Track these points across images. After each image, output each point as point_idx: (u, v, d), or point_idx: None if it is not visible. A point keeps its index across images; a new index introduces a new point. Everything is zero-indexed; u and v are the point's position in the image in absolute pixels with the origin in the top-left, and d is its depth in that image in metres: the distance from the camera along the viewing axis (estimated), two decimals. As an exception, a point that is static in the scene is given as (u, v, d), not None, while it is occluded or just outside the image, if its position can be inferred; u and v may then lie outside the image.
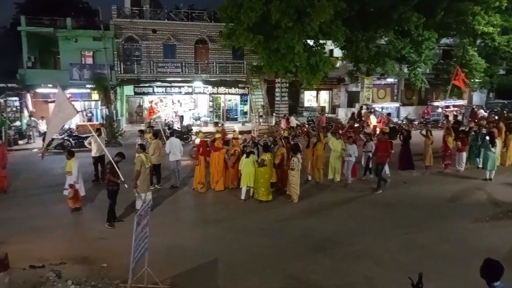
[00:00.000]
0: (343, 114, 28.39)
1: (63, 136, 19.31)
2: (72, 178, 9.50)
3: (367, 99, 28.19)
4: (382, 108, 25.93)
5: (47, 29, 25.25)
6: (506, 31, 26.73)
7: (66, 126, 21.59)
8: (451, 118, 21.89)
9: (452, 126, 14.85)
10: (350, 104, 30.15)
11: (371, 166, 12.57)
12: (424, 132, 13.59)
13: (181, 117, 25.74)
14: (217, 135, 11.96)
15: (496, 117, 21.25)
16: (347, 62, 27.62)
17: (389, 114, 23.55)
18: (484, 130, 13.76)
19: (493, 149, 12.19)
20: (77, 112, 10.30)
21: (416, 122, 24.85)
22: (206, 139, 12.57)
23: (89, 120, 24.93)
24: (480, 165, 13.36)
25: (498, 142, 13.52)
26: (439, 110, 26.74)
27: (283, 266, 6.86)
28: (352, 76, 28.37)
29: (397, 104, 25.47)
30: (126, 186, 8.88)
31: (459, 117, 23.59)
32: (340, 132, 13.67)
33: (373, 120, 22.05)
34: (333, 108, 31.07)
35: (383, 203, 10.28)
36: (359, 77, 28.41)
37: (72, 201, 9.66)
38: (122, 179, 8.75)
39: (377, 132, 16.62)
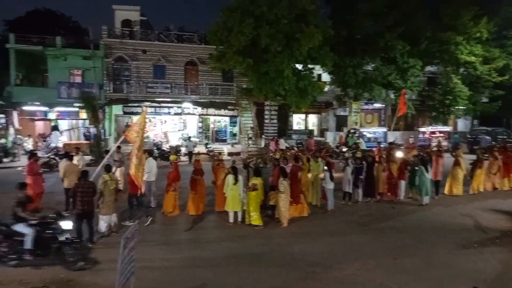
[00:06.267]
0: (331, 138, 28.68)
1: (49, 154, 19.06)
2: None
3: (355, 124, 28.61)
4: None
5: (36, 47, 25.28)
6: (488, 61, 27.74)
7: (53, 145, 21.36)
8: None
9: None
10: (339, 128, 30.53)
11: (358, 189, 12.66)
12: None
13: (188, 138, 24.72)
14: (197, 157, 11.91)
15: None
16: (335, 86, 28.17)
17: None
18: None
19: (426, 175, 12.37)
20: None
21: (403, 147, 25.22)
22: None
23: (87, 138, 24.68)
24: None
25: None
26: (421, 136, 27.35)
27: (272, 291, 6.74)
28: (340, 101, 28.87)
29: (384, 129, 25.90)
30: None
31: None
32: (318, 155, 13.51)
33: (362, 145, 22.26)
34: (322, 132, 31.39)
35: (373, 228, 10.27)
36: (347, 102, 28.91)
37: None
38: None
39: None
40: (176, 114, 27.41)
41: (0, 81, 27.90)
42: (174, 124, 28.12)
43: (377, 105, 31.04)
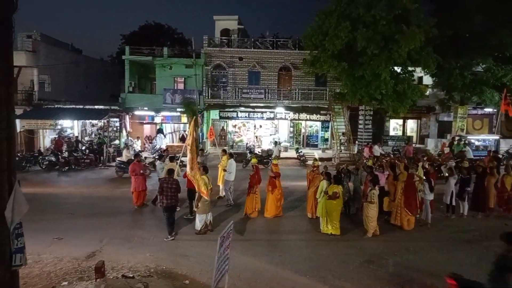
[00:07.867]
0: (432, 145, 26.60)
1: (154, 155, 20.92)
2: None
3: (461, 130, 26.12)
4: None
5: (147, 57, 27.97)
6: None
7: (157, 146, 23.39)
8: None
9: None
10: (441, 134, 28.16)
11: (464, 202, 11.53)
12: None
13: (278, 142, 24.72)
14: (275, 161, 11.94)
15: None
16: (438, 90, 26.09)
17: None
18: None
19: None
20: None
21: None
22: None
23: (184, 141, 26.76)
24: None
25: None
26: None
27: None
28: (443, 105, 26.62)
29: (496, 137, 23.10)
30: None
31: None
32: (419, 164, 12.50)
33: (469, 154, 20.18)
34: (421, 138, 29.29)
35: (480, 246, 9.23)
36: (452, 106, 26.56)
37: None
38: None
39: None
40: (268, 119, 28.02)
41: (117, 89, 31.59)
42: (266, 129, 28.80)
43: (488, 110, 27.89)
